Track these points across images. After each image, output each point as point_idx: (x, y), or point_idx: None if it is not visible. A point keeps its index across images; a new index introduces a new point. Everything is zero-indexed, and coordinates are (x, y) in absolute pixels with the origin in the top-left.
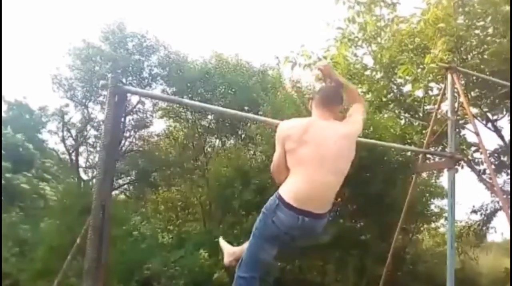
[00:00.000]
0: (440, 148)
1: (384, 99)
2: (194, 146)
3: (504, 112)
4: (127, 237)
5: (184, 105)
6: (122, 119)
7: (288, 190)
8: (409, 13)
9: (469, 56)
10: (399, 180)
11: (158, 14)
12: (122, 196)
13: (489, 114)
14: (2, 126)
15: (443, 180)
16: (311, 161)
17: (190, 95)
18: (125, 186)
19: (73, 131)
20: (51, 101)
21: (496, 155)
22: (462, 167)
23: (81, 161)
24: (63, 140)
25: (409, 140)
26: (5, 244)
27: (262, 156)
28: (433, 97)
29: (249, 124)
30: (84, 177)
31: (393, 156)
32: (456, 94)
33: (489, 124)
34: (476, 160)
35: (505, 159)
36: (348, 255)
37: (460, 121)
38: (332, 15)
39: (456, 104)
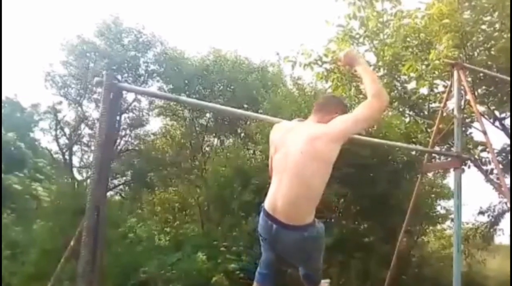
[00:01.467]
0: (446, 147)
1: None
2: (191, 145)
3: None
4: (123, 239)
5: (181, 103)
6: (118, 117)
7: (267, 196)
8: (413, 7)
9: (475, 53)
10: (403, 180)
11: (154, 9)
12: (118, 197)
13: (496, 112)
14: None
15: (449, 180)
16: (277, 169)
17: (187, 93)
18: (121, 187)
19: (67, 130)
20: (44, 98)
21: (504, 154)
22: (469, 167)
23: (75, 161)
24: (56, 139)
25: (414, 139)
26: None
27: (262, 155)
28: (438, 95)
29: (248, 122)
30: (78, 177)
31: (398, 156)
32: (462, 92)
33: (497, 123)
34: (483, 160)
35: None
36: (351, 258)
37: (467, 120)
38: (333, 12)
39: (462, 102)
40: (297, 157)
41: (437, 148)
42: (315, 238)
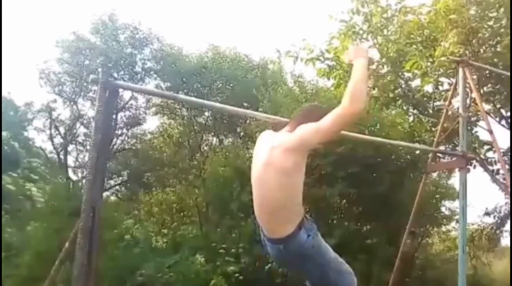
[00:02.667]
0: (451, 147)
1: (391, 95)
2: (190, 144)
3: None
4: (119, 241)
5: (179, 101)
6: (114, 116)
7: None
8: (418, 3)
9: (481, 49)
10: (407, 180)
11: (151, 4)
12: (114, 198)
13: (502, 111)
14: None
15: (455, 181)
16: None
17: (185, 91)
18: (117, 187)
19: (62, 129)
20: (38, 96)
21: (510, 153)
22: (475, 167)
23: (70, 160)
24: (50, 138)
25: (418, 138)
26: None
27: None
28: (443, 93)
29: (248, 121)
30: (73, 177)
31: (401, 155)
32: (468, 90)
33: (503, 121)
34: (489, 159)
35: None
36: (354, 260)
37: (472, 118)
38: (335, 7)
39: (468, 100)
40: (259, 169)
41: (441, 147)
42: (295, 252)
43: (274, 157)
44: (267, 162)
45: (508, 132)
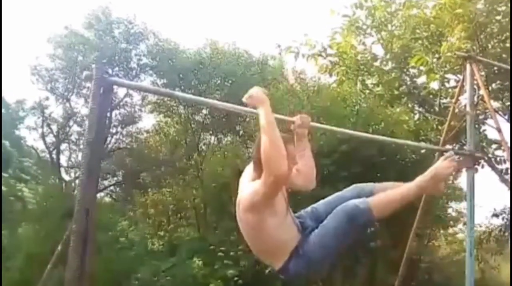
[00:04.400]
0: (458, 146)
1: (396, 92)
2: (187, 143)
3: None
4: (114, 244)
5: (175, 99)
6: (108, 114)
7: None
8: None
9: (489, 45)
10: (413, 180)
11: None
12: (108, 199)
13: None
14: None
15: (462, 181)
16: None
17: (182, 88)
18: (111, 188)
19: (54, 127)
20: (30, 94)
21: (510, 151)
22: (483, 166)
23: (63, 160)
24: (43, 137)
25: (424, 137)
26: None
27: None
28: (450, 90)
29: (247, 119)
30: (66, 177)
31: (407, 154)
32: (475, 87)
33: None
34: (498, 158)
35: None
36: (357, 263)
37: (480, 116)
38: (338, 1)
39: (475, 98)
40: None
41: (448, 146)
42: (295, 276)
43: (239, 213)
44: (237, 213)
45: None
